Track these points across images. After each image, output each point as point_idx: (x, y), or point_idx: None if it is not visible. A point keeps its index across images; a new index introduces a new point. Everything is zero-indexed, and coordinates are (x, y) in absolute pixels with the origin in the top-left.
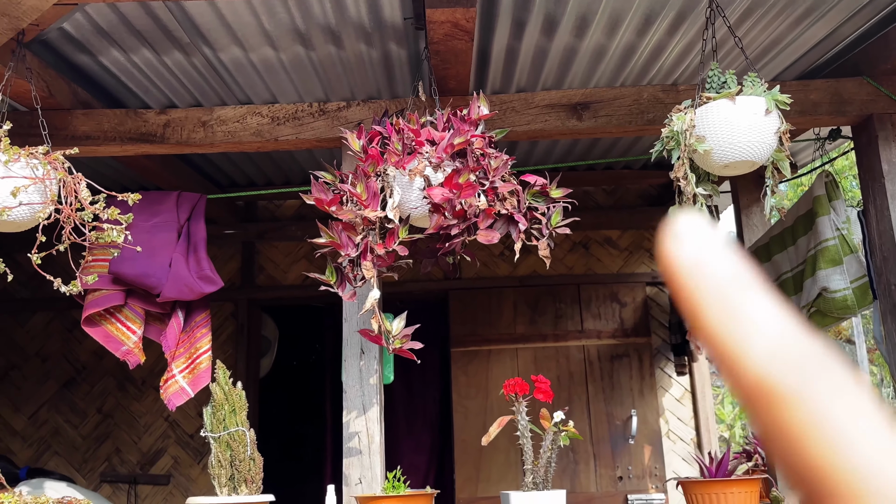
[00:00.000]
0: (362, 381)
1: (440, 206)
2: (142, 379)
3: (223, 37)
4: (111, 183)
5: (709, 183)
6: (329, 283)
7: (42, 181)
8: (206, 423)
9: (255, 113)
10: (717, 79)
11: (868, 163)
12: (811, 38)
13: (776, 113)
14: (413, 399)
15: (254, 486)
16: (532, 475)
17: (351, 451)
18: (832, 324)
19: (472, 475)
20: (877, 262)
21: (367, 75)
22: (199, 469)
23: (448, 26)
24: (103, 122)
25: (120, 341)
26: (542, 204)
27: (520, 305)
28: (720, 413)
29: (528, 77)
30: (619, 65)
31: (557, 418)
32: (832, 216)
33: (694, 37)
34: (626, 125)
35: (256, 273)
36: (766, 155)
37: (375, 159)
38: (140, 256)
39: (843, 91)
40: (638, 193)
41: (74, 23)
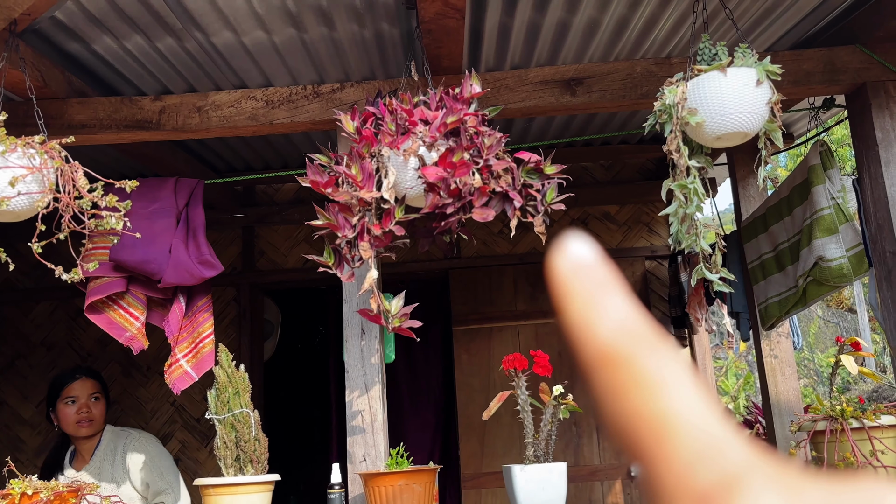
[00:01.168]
0: (364, 360)
1: (435, 185)
2: (147, 365)
3: (215, 21)
4: (109, 170)
5: (702, 155)
6: (327, 264)
7: (39, 170)
8: (211, 405)
9: (250, 97)
10: (708, 51)
11: (862, 131)
12: (804, 7)
13: (767, 83)
14: (417, 378)
15: (259, 466)
16: (533, 448)
17: (354, 430)
18: (828, 292)
19: (476, 451)
20: (872, 229)
21: (361, 56)
22: (207, 452)
23: (439, 5)
24: (98, 110)
25: (123, 328)
26: (536, 181)
27: (520, 283)
28: (724, 384)
29: (522, 53)
30: (613, 39)
31: (557, 392)
32: (827, 185)
33: (687, 8)
34: (619, 100)
35: (257, 257)
36: (759, 125)
37: (369, 140)
38: (140, 243)
39: (836, 60)
40: (636, 168)
41: (66, 11)
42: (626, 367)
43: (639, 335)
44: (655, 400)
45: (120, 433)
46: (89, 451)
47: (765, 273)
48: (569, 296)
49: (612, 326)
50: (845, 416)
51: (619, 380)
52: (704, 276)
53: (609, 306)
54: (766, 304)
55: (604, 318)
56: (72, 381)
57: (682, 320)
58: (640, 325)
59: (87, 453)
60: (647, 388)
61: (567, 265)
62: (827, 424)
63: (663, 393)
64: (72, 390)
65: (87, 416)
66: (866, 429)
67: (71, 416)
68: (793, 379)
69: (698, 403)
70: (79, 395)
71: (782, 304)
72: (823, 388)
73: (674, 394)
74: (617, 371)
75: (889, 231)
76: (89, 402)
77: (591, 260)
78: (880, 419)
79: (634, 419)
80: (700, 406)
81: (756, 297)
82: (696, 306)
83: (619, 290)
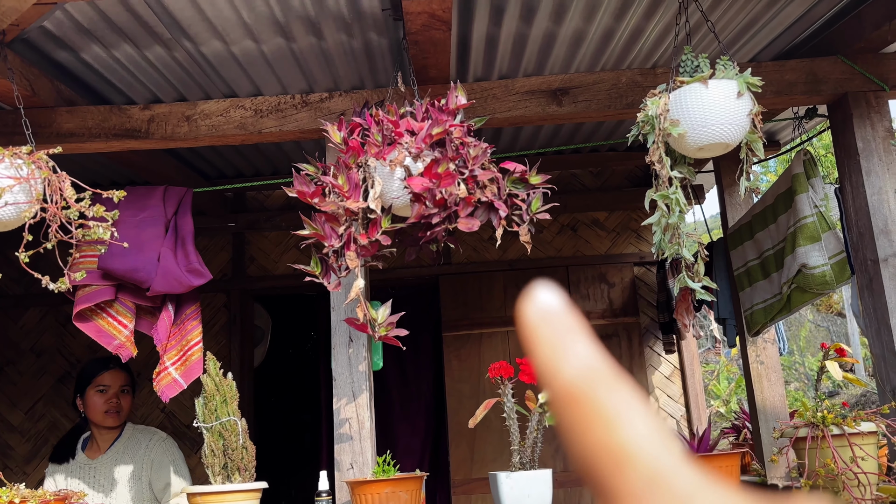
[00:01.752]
0: (351, 368)
1: (421, 195)
2: (136, 372)
3: (204, 30)
4: (99, 177)
5: (685, 165)
6: (314, 273)
7: (27, 181)
8: (199, 413)
9: (239, 106)
10: (690, 63)
11: (844, 140)
12: (787, 18)
13: (748, 95)
14: (407, 383)
15: (247, 474)
16: (519, 455)
17: (342, 437)
18: (812, 299)
19: (466, 457)
20: (853, 238)
21: (350, 65)
22: (196, 459)
23: (425, 17)
24: (87, 119)
25: (112, 336)
26: (522, 190)
27: (510, 289)
28: (716, 388)
29: (510, 64)
30: (599, 49)
31: (542, 399)
32: (810, 193)
33: (671, 20)
34: (605, 109)
35: (247, 263)
36: (740, 136)
37: (356, 151)
38: (128, 252)
39: (818, 70)
40: (624, 175)
41: (55, 21)
42: (586, 405)
43: (599, 376)
44: (612, 433)
45: (144, 431)
46: (107, 441)
47: (750, 280)
48: (537, 341)
49: (576, 369)
50: (826, 422)
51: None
52: (687, 284)
53: (573, 351)
54: (752, 311)
55: (568, 362)
56: (104, 370)
57: (671, 326)
58: (600, 367)
59: (104, 444)
60: (604, 423)
61: (535, 313)
62: (808, 431)
63: (619, 426)
64: (104, 379)
65: (116, 407)
66: (847, 435)
67: (100, 405)
68: (779, 384)
69: (651, 435)
70: (111, 384)
71: (767, 310)
72: (813, 393)
73: (628, 427)
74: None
75: (870, 239)
76: (119, 393)
77: (557, 308)
78: (860, 426)
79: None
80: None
81: (742, 304)
82: (683, 312)
83: (582, 337)
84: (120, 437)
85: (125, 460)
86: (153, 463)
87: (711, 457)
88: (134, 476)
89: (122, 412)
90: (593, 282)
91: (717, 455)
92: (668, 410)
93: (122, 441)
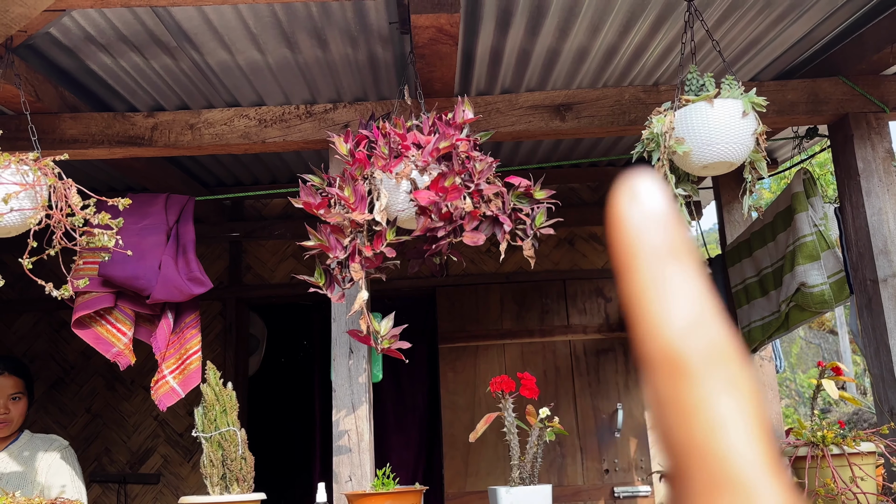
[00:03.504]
0: (351, 380)
1: (427, 208)
2: (131, 378)
3: (210, 40)
4: (98, 183)
5: (688, 183)
6: (318, 284)
7: (32, 187)
8: (198, 423)
9: (243, 115)
10: (695, 81)
11: (844, 161)
12: (789, 38)
13: (753, 114)
14: (402, 395)
15: (245, 485)
16: (519, 470)
17: (341, 450)
18: (811, 318)
19: (460, 470)
20: (853, 257)
21: (354, 77)
22: (189, 467)
23: (432, 31)
24: (91, 126)
25: (110, 343)
26: (526, 205)
27: (506, 301)
28: None
29: (513, 78)
30: (602, 65)
31: (543, 414)
32: (810, 212)
33: (675, 37)
34: (608, 126)
35: (244, 272)
36: (744, 155)
37: (362, 163)
38: (130, 259)
39: (820, 91)
40: None
41: (61, 28)
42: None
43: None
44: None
45: (44, 438)
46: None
47: (748, 297)
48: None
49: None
50: (826, 442)
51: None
52: None
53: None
54: (750, 328)
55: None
56: None
57: None
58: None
59: None
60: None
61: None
62: (808, 450)
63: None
64: None
65: (4, 416)
66: (846, 455)
67: None
68: (775, 402)
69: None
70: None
71: (765, 328)
72: (805, 409)
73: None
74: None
75: (870, 259)
76: (8, 401)
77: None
78: (860, 446)
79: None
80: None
81: (739, 321)
82: None
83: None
84: (13, 443)
85: (16, 465)
86: (50, 467)
87: None
88: (26, 480)
89: (12, 421)
90: (590, 296)
91: None
92: None
93: (15, 446)
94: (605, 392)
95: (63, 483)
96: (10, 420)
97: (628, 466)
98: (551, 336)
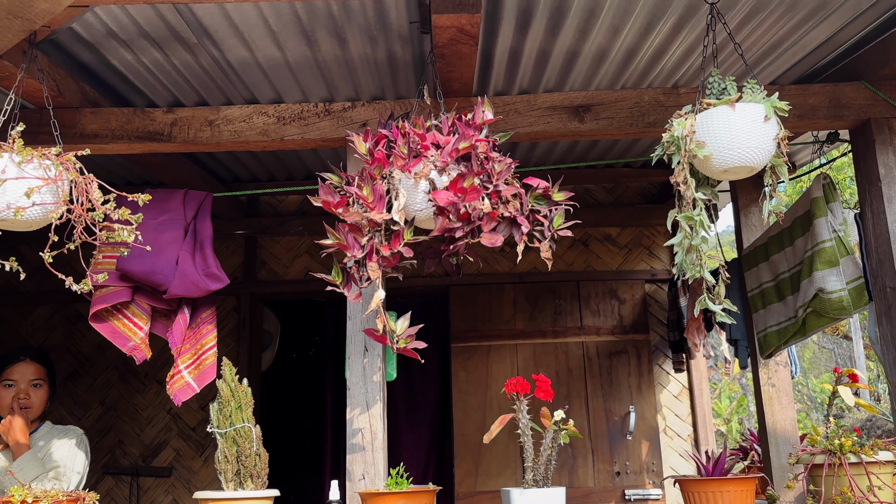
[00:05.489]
0: (366, 378)
1: (445, 209)
2: (144, 372)
3: (230, 37)
4: (116, 178)
5: (708, 187)
6: (335, 283)
7: (55, 182)
8: (213, 418)
9: (262, 112)
10: (717, 85)
11: (865, 166)
12: (811, 42)
13: (775, 119)
14: (413, 394)
15: (259, 481)
16: (533, 472)
17: (354, 448)
18: (828, 323)
19: (471, 469)
20: (872, 264)
21: (372, 75)
22: (201, 462)
23: (453, 31)
24: (111, 121)
25: (127, 337)
26: (544, 206)
27: (520, 302)
28: (717, 407)
29: (531, 79)
30: (621, 67)
31: (558, 417)
32: (829, 218)
33: (695, 40)
34: (627, 127)
35: (258, 268)
36: (765, 160)
37: (381, 162)
38: (147, 254)
39: (842, 95)
40: (638, 191)
41: (84, 23)
42: None
43: None
44: None
45: (63, 428)
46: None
47: (765, 302)
48: None
49: None
50: (843, 450)
51: None
52: (707, 306)
53: None
54: (765, 333)
55: None
56: (14, 362)
57: (681, 345)
58: None
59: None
60: None
61: None
62: (825, 458)
63: None
64: (12, 373)
65: (24, 402)
66: (864, 464)
67: (5, 400)
68: (790, 408)
69: None
70: (18, 379)
71: (781, 333)
72: (817, 414)
73: None
74: None
75: (890, 266)
76: (29, 387)
77: None
78: (878, 455)
79: None
80: None
81: (755, 326)
82: (694, 332)
83: None
84: (34, 433)
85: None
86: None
87: (727, 481)
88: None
89: (33, 408)
90: (604, 297)
91: (733, 479)
92: (675, 430)
93: (35, 436)
94: (617, 394)
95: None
96: (30, 405)
97: (639, 469)
98: (564, 337)
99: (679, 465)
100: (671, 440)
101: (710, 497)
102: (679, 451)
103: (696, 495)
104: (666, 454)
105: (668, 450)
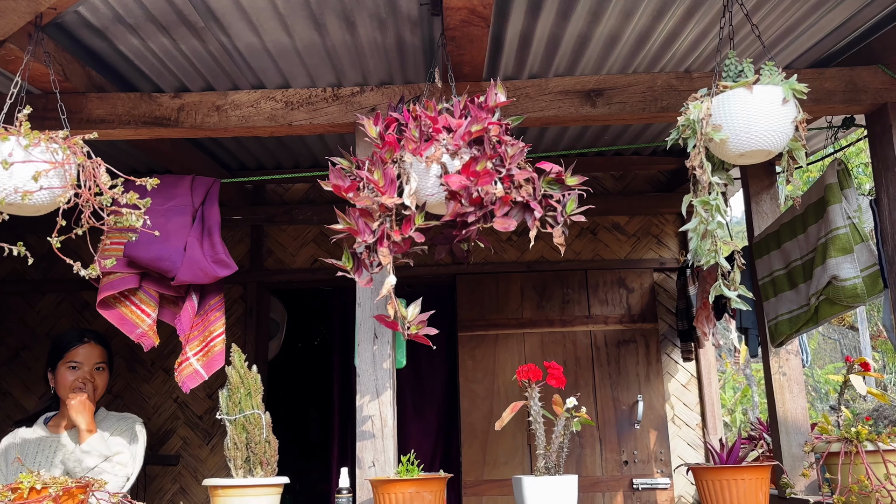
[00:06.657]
0: (375, 365)
1: (457, 193)
2: (151, 360)
3: (238, 21)
4: (120, 164)
5: (723, 171)
6: (346, 268)
7: (62, 165)
8: (222, 405)
9: (269, 97)
10: (733, 67)
11: (881, 152)
12: (827, 26)
13: (793, 102)
14: (421, 382)
15: (269, 469)
16: (544, 460)
17: (364, 435)
18: (841, 311)
19: (478, 458)
20: (888, 251)
21: (381, 60)
22: (209, 450)
23: (465, 12)
24: (118, 106)
25: (135, 324)
26: (557, 191)
27: (527, 290)
28: (722, 398)
29: (541, 63)
30: (633, 51)
31: (570, 404)
32: (844, 204)
33: (709, 23)
34: (639, 112)
35: (265, 256)
36: (783, 144)
37: (392, 146)
38: (155, 240)
39: (858, 79)
40: (647, 179)
41: (90, 6)
42: None
43: None
44: None
45: (120, 416)
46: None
47: (776, 290)
48: None
49: None
50: (860, 438)
51: None
52: (723, 293)
53: None
54: (777, 322)
55: None
56: (78, 344)
57: (689, 333)
58: None
59: (70, 421)
60: None
61: None
62: (841, 446)
63: None
64: (76, 355)
65: (89, 385)
66: (881, 452)
67: (70, 382)
68: (801, 397)
69: None
70: (83, 361)
71: (793, 321)
72: (822, 405)
73: None
74: None
75: None
76: (93, 370)
77: None
78: (895, 443)
79: None
80: None
81: (766, 314)
82: (703, 320)
83: None
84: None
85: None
86: (124, 430)
87: (742, 468)
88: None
89: (96, 390)
90: (612, 286)
91: (748, 468)
92: (683, 419)
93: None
94: (625, 383)
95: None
96: (95, 387)
97: (648, 458)
98: (572, 326)
99: (687, 454)
100: (679, 429)
101: (726, 485)
102: (687, 440)
103: (710, 483)
104: (674, 443)
105: (676, 439)
